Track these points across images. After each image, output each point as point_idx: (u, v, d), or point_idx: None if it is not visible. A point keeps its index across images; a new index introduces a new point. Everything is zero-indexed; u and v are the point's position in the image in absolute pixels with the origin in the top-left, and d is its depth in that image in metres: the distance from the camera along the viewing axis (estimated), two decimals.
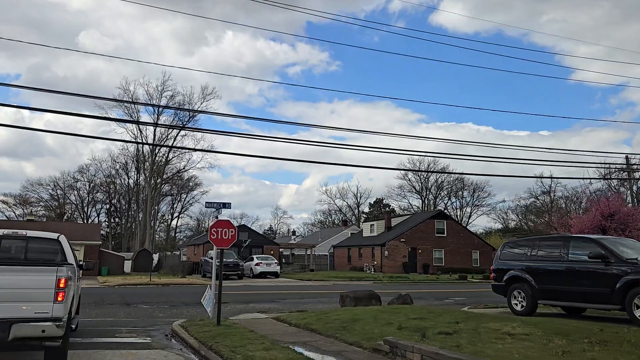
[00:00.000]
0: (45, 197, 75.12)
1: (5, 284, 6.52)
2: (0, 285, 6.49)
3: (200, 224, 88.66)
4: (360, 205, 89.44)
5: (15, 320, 6.44)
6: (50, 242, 8.81)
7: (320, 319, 11.57)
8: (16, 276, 6.66)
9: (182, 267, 35.38)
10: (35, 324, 6.51)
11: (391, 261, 45.45)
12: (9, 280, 6.57)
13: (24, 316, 6.50)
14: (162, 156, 65.47)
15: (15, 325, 6.41)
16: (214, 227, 11.18)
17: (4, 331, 6.36)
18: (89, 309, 15.06)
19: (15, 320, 6.44)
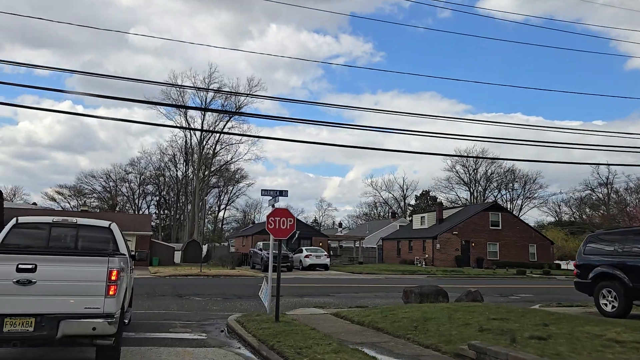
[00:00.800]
0: (99, 189, 77.41)
1: (52, 276, 5.96)
2: (47, 277, 5.94)
3: (246, 216, 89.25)
4: (406, 197, 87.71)
5: (64, 316, 5.88)
6: (102, 231, 8.28)
7: (387, 317, 10.63)
8: (64, 267, 6.07)
9: (232, 258, 35.17)
10: (85, 321, 5.93)
11: (443, 254, 43.91)
12: (56, 272, 5.99)
13: (73, 311, 5.93)
14: (209, 148, 66.02)
15: (64, 322, 5.85)
16: (272, 216, 10.39)
17: (52, 328, 5.82)
18: (142, 301, 14.67)
19: (64, 316, 5.88)
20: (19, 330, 5.79)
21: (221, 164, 69.79)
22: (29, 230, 8.05)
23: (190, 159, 69.45)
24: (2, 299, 5.78)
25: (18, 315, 5.80)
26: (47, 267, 5.98)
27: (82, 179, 76.25)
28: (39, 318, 5.83)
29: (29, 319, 5.82)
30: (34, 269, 5.90)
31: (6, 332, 5.74)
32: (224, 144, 66.39)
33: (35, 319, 5.82)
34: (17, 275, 5.83)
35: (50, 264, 6.04)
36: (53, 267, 6.03)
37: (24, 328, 5.80)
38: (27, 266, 5.90)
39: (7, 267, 5.85)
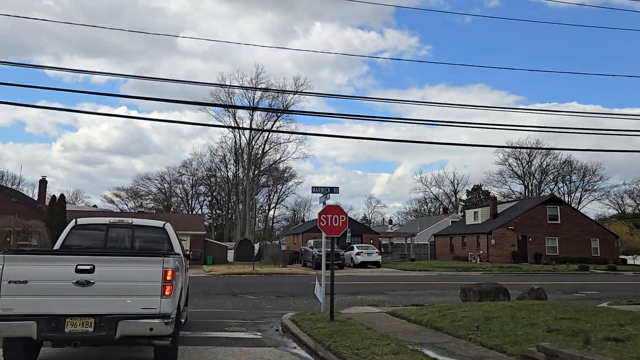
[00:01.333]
0: (154, 191, 79.92)
1: (109, 277, 6.01)
2: (105, 278, 5.99)
3: (296, 214, 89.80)
4: (457, 192, 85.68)
5: (122, 317, 5.91)
6: (157, 231, 8.45)
7: (445, 316, 10.23)
8: (120, 268, 6.10)
9: (283, 256, 35.35)
10: (142, 321, 5.94)
11: (498, 250, 42.53)
12: (113, 273, 6.04)
13: (131, 312, 5.97)
14: (258, 148, 66.78)
15: (122, 322, 5.89)
16: (323, 214, 10.20)
17: (111, 328, 5.88)
18: (197, 299, 14.85)
19: (122, 316, 5.92)
20: (80, 331, 5.88)
21: (270, 163, 70.52)
22: (87, 232, 8.24)
23: (240, 159, 70.51)
24: (63, 299, 5.87)
25: (78, 315, 5.88)
26: (104, 268, 6.03)
27: (138, 182, 79.04)
28: (98, 319, 5.90)
29: (89, 320, 5.90)
30: (92, 269, 5.97)
31: (68, 332, 5.85)
32: (272, 143, 67.04)
33: (94, 320, 5.90)
34: (76, 276, 5.91)
35: (107, 264, 6.09)
36: (110, 267, 6.07)
37: (84, 328, 5.88)
38: (85, 267, 5.97)
39: (67, 268, 5.93)
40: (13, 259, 5.96)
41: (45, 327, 5.76)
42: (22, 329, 5.75)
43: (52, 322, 5.79)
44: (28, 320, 5.73)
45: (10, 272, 5.82)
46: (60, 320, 5.82)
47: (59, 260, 6.10)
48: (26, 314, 5.77)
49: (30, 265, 5.96)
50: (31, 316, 5.76)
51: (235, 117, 64.75)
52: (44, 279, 5.89)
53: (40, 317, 5.78)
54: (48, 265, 5.99)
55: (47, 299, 5.85)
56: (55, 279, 5.90)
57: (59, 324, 5.81)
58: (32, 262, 6.03)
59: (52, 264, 6.03)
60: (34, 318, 5.76)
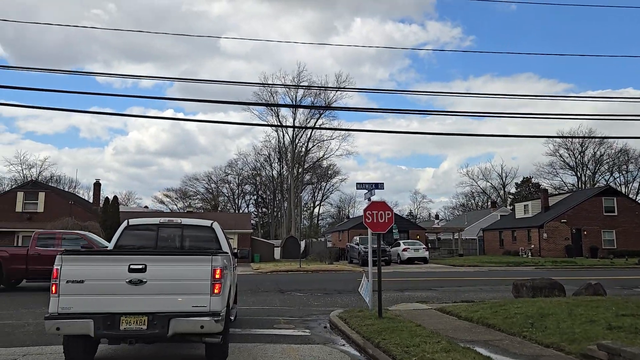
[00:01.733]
0: (202, 191, 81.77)
1: (160, 276, 6.18)
2: (156, 276, 6.17)
3: (340, 211, 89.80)
4: (505, 185, 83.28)
5: (174, 315, 6.06)
6: (205, 230, 8.65)
7: (497, 312, 9.96)
8: (170, 267, 6.26)
9: (329, 253, 35.38)
10: (193, 319, 6.06)
11: (551, 244, 41.09)
12: (163, 271, 6.21)
13: (182, 310, 6.10)
14: (301, 146, 67.13)
15: (174, 320, 6.04)
16: (369, 210, 10.11)
17: (163, 326, 6.04)
18: (246, 297, 15.05)
19: (174, 314, 6.07)
20: (134, 328, 6.05)
21: (313, 160, 70.73)
22: (139, 232, 8.52)
23: (283, 157, 71.18)
24: (117, 298, 6.06)
25: (132, 313, 6.06)
26: (155, 267, 6.20)
27: (186, 182, 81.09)
28: (151, 316, 6.06)
29: (142, 317, 6.07)
30: (144, 269, 6.14)
31: (122, 329, 6.03)
32: (315, 141, 67.27)
33: (147, 317, 6.06)
34: (129, 275, 6.10)
35: (158, 263, 6.25)
36: (160, 266, 6.23)
37: (138, 326, 6.06)
38: (137, 266, 6.15)
39: (120, 268, 6.13)
40: (70, 259, 6.19)
41: (102, 325, 5.96)
42: (81, 327, 5.95)
43: (107, 320, 5.97)
44: (85, 319, 5.94)
45: (68, 272, 6.06)
46: (115, 318, 6.01)
47: (113, 260, 6.32)
48: (83, 312, 5.98)
49: (86, 265, 6.18)
50: (88, 314, 5.96)
51: (278, 116, 65.44)
52: (99, 278, 6.10)
53: (96, 315, 5.97)
54: (102, 265, 6.20)
55: (102, 298, 6.05)
56: (110, 278, 6.11)
57: (114, 321, 6.00)
58: (88, 262, 6.25)
59: (106, 263, 6.24)
60: (90, 316, 5.95)
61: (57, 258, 6.19)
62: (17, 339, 8.63)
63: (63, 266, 6.10)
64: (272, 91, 63.63)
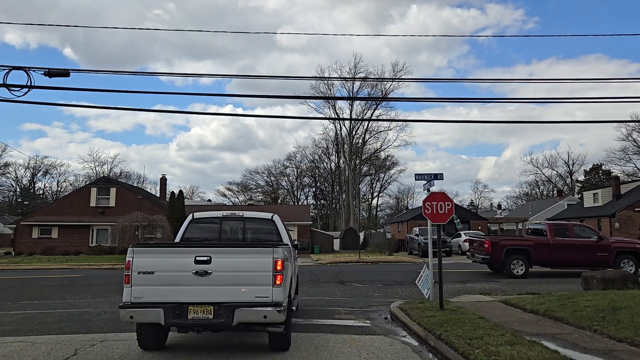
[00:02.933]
0: (262, 184, 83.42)
1: (225, 267, 6.42)
2: (221, 268, 6.40)
3: (399, 202, 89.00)
4: (573, 173, 79.38)
5: (238, 305, 6.30)
6: (265, 222, 8.86)
7: (565, 305, 9.63)
8: (234, 258, 6.49)
9: (389, 244, 35.20)
10: (257, 309, 6.29)
11: (624, 234, 38.78)
12: (227, 263, 6.44)
13: (246, 300, 6.34)
14: (359, 138, 66.90)
15: (238, 310, 6.28)
16: (428, 201, 10.01)
17: (229, 316, 6.29)
18: (307, 288, 15.29)
19: (238, 304, 6.31)
20: (201, 318, 6.31)
21: (371, 152, 70.37)
22: (204, 225, 8.86)
23: (341, 149, 71.22)
24: (185, 288, 6.34)
25: (199, 303, 6.31)
26: (220, 259, 6.42)
27: (247, 176, 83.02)
28: (217, 306, 6.31)
29: (209, 307, 6.32)
30: (209, 260, 6.39)
31: (190, 318, 6.30)
32: (372, 132, 66.88)
33: (213, 307, 6.31)
34: (195, 266, 6.36)
35: (222, 255, 6.47)
36: (224, 258, 6.45)
37: (204, 315, 6.31)
38: (203, 258, 6.39)
39: (187, 259, 6.39)
40: (141, 251, 6.52)
41: (171, 314, 6.26)
42: (152, 316, 6.28)
43: (176, 310, 6.27)
44: (156, 308, 6.26)
45: (139, 263, 6.40)
46: (184, 308, 6.29)
47: (180, 252, 6.56)
48: (154, 301, 6.30)
49: (155, 257, 6.49)
50: (158, 304, 6.28)
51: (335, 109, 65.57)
52: (167, 269, 6.39)
53: (166, 304, 6.28)
54: (170, 257, 6.48)
55: (170, 288, 6.35)
56: (177, 270, 6.38)
57: (183, 311, 6.28)
58: (157, 255, 6.55)
59: (173, 255, 6.51)
60: (161, 305, 6.27)
61: (128, 250, 6.53)
62: (95, 325, 9.24)
63: (135, 258, 6.42)
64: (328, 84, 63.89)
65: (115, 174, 70.01)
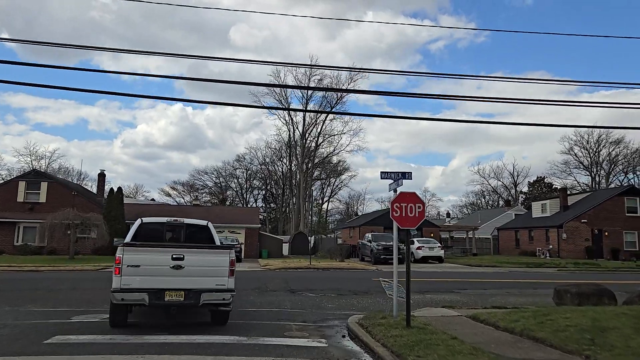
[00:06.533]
0: (210, 185, 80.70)
1: (194, 263, 8.46)
2: (191, 263, 8.44)
3: (349, 208, 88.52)
4: (517, 184, 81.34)
5: (204, 290, 8.40)
6: (202, 228, 10.46)
7: (543, 324, 8.61)
8: (201, 257, 8.63)
9: (340, 250, 33.97)
10: (217, 294, 8.48)
11: (570, 245, 39.47)
12: (196, 260, 8.51)
13: (209, 287, 8.44)
14: (312, 141, 65.71)
15: (204, 294, 8.40)
16: (397, 202, 8.79)
17: (197, 298, 8.36)
18: (254, 297, 13.81)
19: (204, 290, 8.41)
20: (175, 300, 8.35)
21: (324, 156, 69.34)
22: (151, 228, 10.29)
23: (293, 152, 69.84)
24: (163, 278, 8.30)
25: (174, 289, 8.31)
26: (191, 257, 8.50)
27: (195, 176, 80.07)
28: (187, 292, 8.35)
29: (181, 292, 8.34)
30: (183, 258, 8.43)
31: (167, 300, 8.33)
32: (326, 135, 65.80)
33: (184, 292, 8.34)
34: (172, 262, 8.37)
35: (193, 254, 8.58)
36: (194, 256, 8.55)
37: (177, 298, 8.35)
38: (178, 256, 8.42)
39: (166, 257, 8.37)
40: (129, 250, 8.35)
41: (153, 297, 8.19)
42: (139, 298, 8.18)
43: (157, 294, 8.22)
44: (142, 292, 8.15)
45: (128, 259, 8.22)
46: (162, 293, 8.25)
47: (160, 251, 8.48)
48: (140, 288, 8.18)
49: (141, 254, 8.35)
50: (143, 289, 8.17)
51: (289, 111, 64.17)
52: (150, 264, 8.30)
53: (149, 290, 8.20)
54: (153, 255, 8.40)
55: (152, 278, 8.26)
56: (158, 264, 8.31)
57: (161, 295, 8.25)
58: (142, 252, 8.41)
59: (155, 254, 8.42)
60: (145, 290, 8.17)
61: (118, 249, 8.30)
62: None
63: (124, 255, 8.23)
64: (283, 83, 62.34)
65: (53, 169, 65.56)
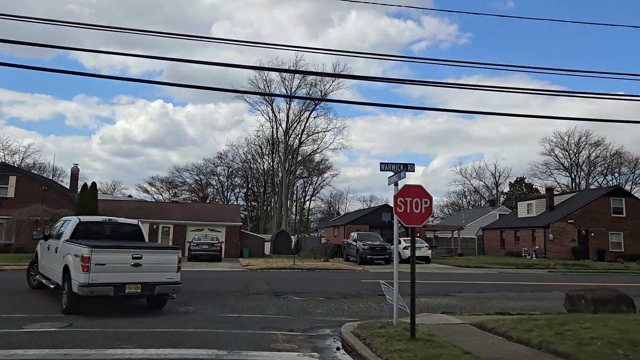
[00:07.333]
0: (190, 182, 78.81)
1: (150, 261, 10.07)
2: (148, 261, 10.04)
3: (331, 207, 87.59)
4: (499, 185, 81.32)
5: (158, 283, 10.06)
6: (134, 226, 12.37)
7: (563, 335, 7.65)
8: (156, 255, 10.36)
9: (325, 250, 32.78)
10: (168, 286, 10.23)
11: (557, 246, 39.01)
12: (152, 258, 10.14)
13: (162, 281, 10.13)
14: (295, 137, 64.51)
15: (158, 286, 10.06)
16: (401, 197, 7.73)
17: (151, 290, 10.04)
18: (234, 300, 12.65)
19: (157, 283, 10.06)
20: (134, 291, 9.91)
21: (307, 153, 68.18)
22: (88, 226, 11.76)
23: (276, 149, 68.51)
24: (124, 274, 9.75)
25: (133, 283, 9.83)
26: (147, 255, 10.13)
27: (174, 173, 78.14)
28: (144, 284, 9.92)
29: (139, 285, 9.89)
30: (141, 257, 9.99)
31: (127, 292, 9.84)
32: (310, 133, 64.65)
33: (142, 285, 9.91)
34: (132, 260, 9.90)
35: (149, 253, 10.25)
36: (150, 255, 10.22)
37: (136, 290, 9.90)
38: (137, 255, 9.99)
39: (127, 256, 9.91)
40: (97, 250, 9.55)
41: (116, 289, 9.63)
42: (106, 291, 9.55)
43: (120, 287, 9.67)
44: (109, 286, 9.55)
45: (95, 258, 9.46)
46: (123, 286, 9.71)
47: (122, 252, 10.02)
48: (105, 282, 9.53)
49: (106, 254, 9.70)
50: (109, 284, 9.55)
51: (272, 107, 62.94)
52: (114, 262, 9.73)
53: (113, 284, 9.59)
54: (116, 255, 9.89)
55: (115, 274, 9.66)
56: (120, 262, 9.80)
57: (123, 288, 9.72)
58: (108, 252, 9.77)
59: (118, 254, 9.94)
60: (110, 285, 9.56)
61: (87, 250, 9.45)
62: None
63: (93, 254, 9.45)
64: (267, 79, 61.11)
65: (27, 165, 63.11)
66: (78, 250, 9.72)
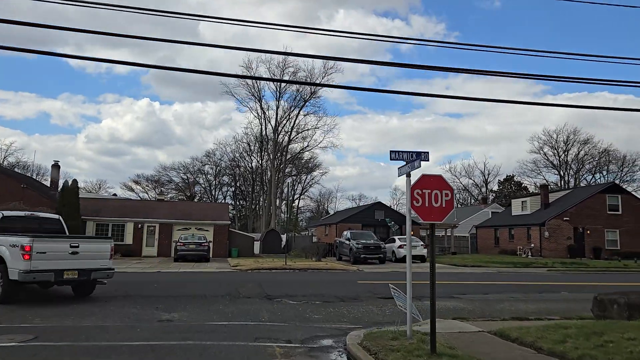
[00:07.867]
0: (177, 180, 77.20)
1: (86, 249, 11.51)
2: (84, 250, 11.46)
3: (319, 206, 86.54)
4: (488, 183, 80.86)
5: (93, 270, 11.63)
6: (55, 221, 13.55)
7: (603, 347, 6.70)
8: (91, 245, 11.96)
9: (316, 249, 31.62)
10: (103, 272, 11.87)
11: (552, 243, 38.30)
12: (88, 247, 11.64)
13: (97, 267, 11.71)
14: (284, 135, 63.28)
15: (94, 272, 11.65)
16: (418, 188, 6.68)
17: (87, 276, 11.55)
18: (223, 305, 11.53)
19: (93, 269, 11.63)
20: (72, 277, 11.34)
21: (297, 151, 66.99)
22: (12, 219, 12.66)
23: (265, 147, 67.20)
24: (63, 261, 11.06)
25: (71, 269, 11.22)
26: (84, 245, 11.64)
27: (161, 171, 76.46)
28: (81, 271, 11.39)
29: (76, 272, 11.32)
30: (78, 245, 11.42)
31: (65, 278, 11.23)
32: (299, 130, 63.45)
33: (78, 271, 11.35)
34: (70, 249, 11.26)
35: (85, 243, 11.91)
36: (87, 245, 11.78)
37: (73, 276, 11.33)
38: (75, 245, 11.41)
39: (65, 245, 11.30)
40: (38, 240, 10.79)
41: (56, 276, 10.99)
42: (47, 277, 10.89)
43: (59, 273, 11.02)
44: (49, 272, 10.86)
45: (36, 247, 10.67)
46: (62, 272, 11.07)
47: (61, 241, 11.46)
48: (45, 269, 10.77)
49: (46, 243, 10.99)
50: (48, 270, 10.83)
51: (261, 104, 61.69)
52: (54, 251, 11.01)
53: (52, 270, 10.91)
54: (56, 244, 11.25)
55: (55, 261, 10.94)
56: (59, 251, 11.10)
57: (61, 274, 11.08)
58: (48, 242, 11.10)
59: (57, 243, 11.33)
60: (50, 271, 10.87)
61: (28, 239, 10.61)
62: None
63: (34, 244, 10.62)
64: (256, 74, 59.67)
65: (10, 163, 61.19)
66: (16, 240, 10.80)
